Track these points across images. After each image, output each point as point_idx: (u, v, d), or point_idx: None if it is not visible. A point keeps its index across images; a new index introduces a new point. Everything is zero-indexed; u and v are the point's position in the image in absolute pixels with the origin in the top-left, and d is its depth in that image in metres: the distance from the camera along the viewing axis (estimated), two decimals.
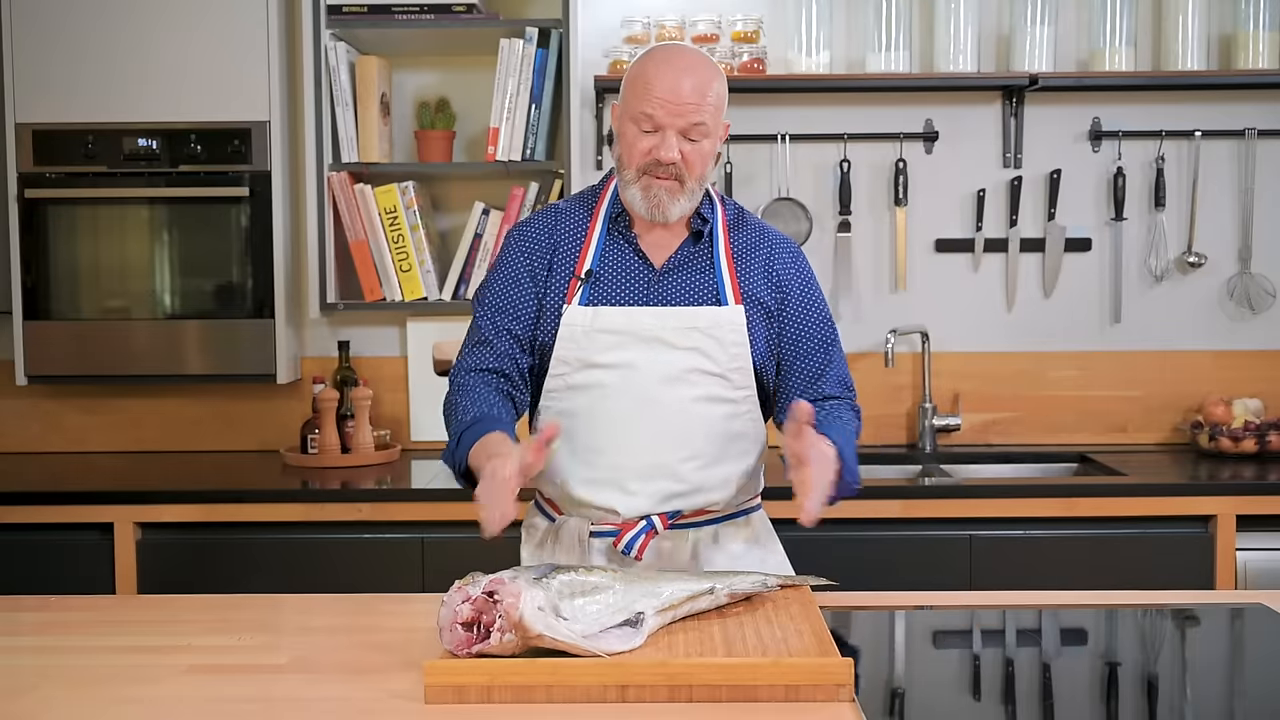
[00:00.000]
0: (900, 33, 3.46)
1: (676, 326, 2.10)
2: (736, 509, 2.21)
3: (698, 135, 2.06)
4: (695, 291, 2.13)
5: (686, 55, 2.10)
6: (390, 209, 3.41)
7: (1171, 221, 3.61)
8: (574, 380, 2.12)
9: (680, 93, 2.04)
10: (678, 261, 2.14)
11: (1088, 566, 3.01)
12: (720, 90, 2.10)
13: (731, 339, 2.11)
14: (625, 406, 2.09)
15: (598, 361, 2.10)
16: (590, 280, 2.12)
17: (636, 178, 2.08)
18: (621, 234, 2.15)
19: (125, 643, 1.90)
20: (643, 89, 2.06)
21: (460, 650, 1.65)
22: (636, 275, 2.13)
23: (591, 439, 2.11)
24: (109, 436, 3.65)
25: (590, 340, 2.10)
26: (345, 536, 3.03)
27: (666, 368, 2.09)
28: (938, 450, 3.56)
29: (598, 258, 2.14)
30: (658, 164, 2.06)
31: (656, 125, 2.05)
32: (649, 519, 2.10)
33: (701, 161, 2.09)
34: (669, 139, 2.05)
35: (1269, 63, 3.44)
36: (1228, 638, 1.96)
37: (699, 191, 2.12)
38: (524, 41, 3.34)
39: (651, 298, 2.12)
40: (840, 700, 1.61)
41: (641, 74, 2.07)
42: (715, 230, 2.17)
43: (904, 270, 3.60)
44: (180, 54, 3.31)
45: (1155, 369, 3.62)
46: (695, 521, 2.15)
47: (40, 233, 3.34)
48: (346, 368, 3.50)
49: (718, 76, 2.10)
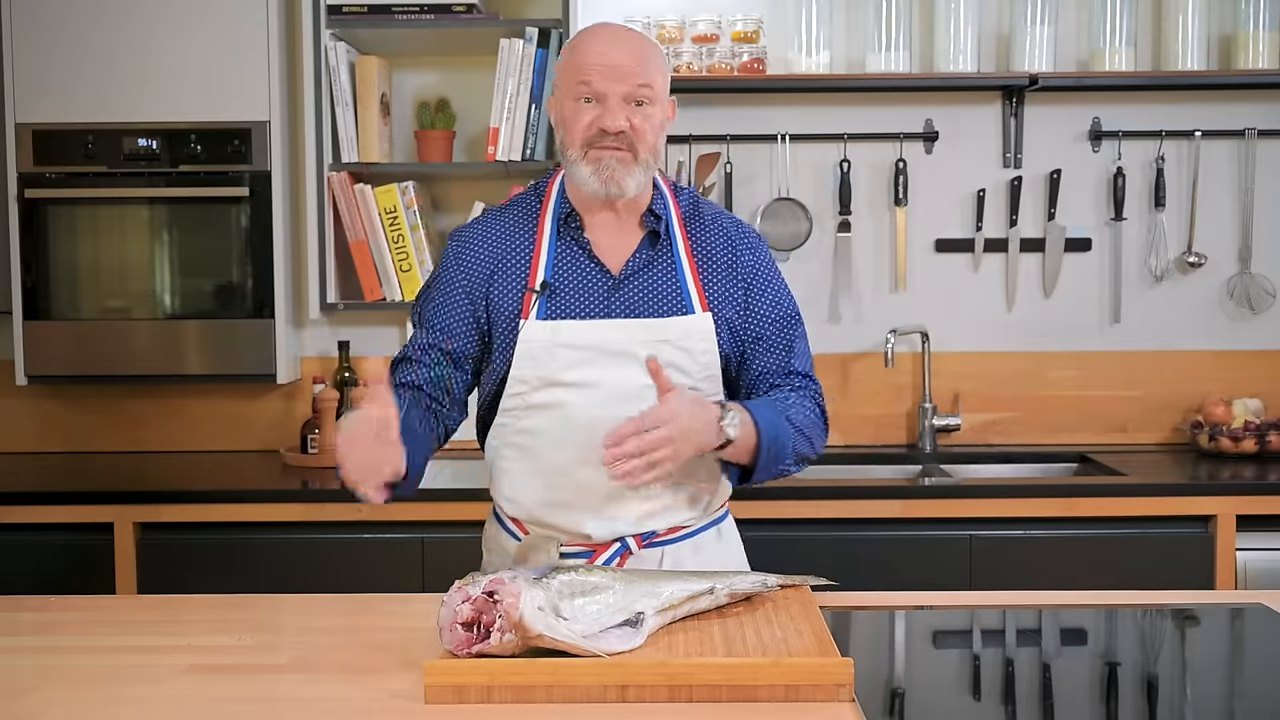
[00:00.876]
0: (900, 33, 3.46)
1: (645, 340, 2.00)
2: (709, 520, 2.13)
3: (644, 98, 1.96)
4: (659, 300, 2.03)
5: (616, 27, 2.04)
6: (390, 209, 3.41)
7: (1171, 221, 3.61)
8: (533, 399, 2.01)
9: (616, 56, 1.95)
10: (636, 267, 2.04)
11: (1088, 566, 3.01)
12: (659, 61, 2.01)
13: (701, 348, 2.03)
14: (591, 426, 1.94)
15: (560, 379, 1.99)
16: (546, 292, 2.01)
17: (583, 154, 1.98)
18: (573, 238, 2.05)
19: (125, 643, 1.90)
20: (576, 65, 1.97)
21: (460, 650, 1.65)
22: (595, 284, 2.03)
23: (556, 460, 2.02)
24: (109, 436, 3.65)
25: (552, 357, 1.99)
26: (345, 536, 3.03)
27: (632, 383, 1.97)
28: (938, 450, 3.56)
29: (551, 267, 2.03)
30: (603, 134, 1.95)
31: (597, 94, 1.95)
32: (623, 540, 2.04)
33: (652, 131, 1.98)
34: (612, 105, 1.95)
35: (1269, 63, 3.44)
36: (1228, 638, 1.96)
37: (652, 167, 2.02)
38: (524, 41, 3.34)
39: (614, 309, 2.02)
40: (840, 700, 1.61)
41: (572, 53, 2.00)
42: (671, 228, 2.07)
43: (904, 270, 3.60)
44: (180, 54, 3.31)
45: (1155, 369, 3.62)
46: (669, 539, 2.07)
47: (40, 233, 3.34)
48: (346, 368, 3.50)
49: (655, 47, 2.03)
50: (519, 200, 2.14)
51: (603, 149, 1.97)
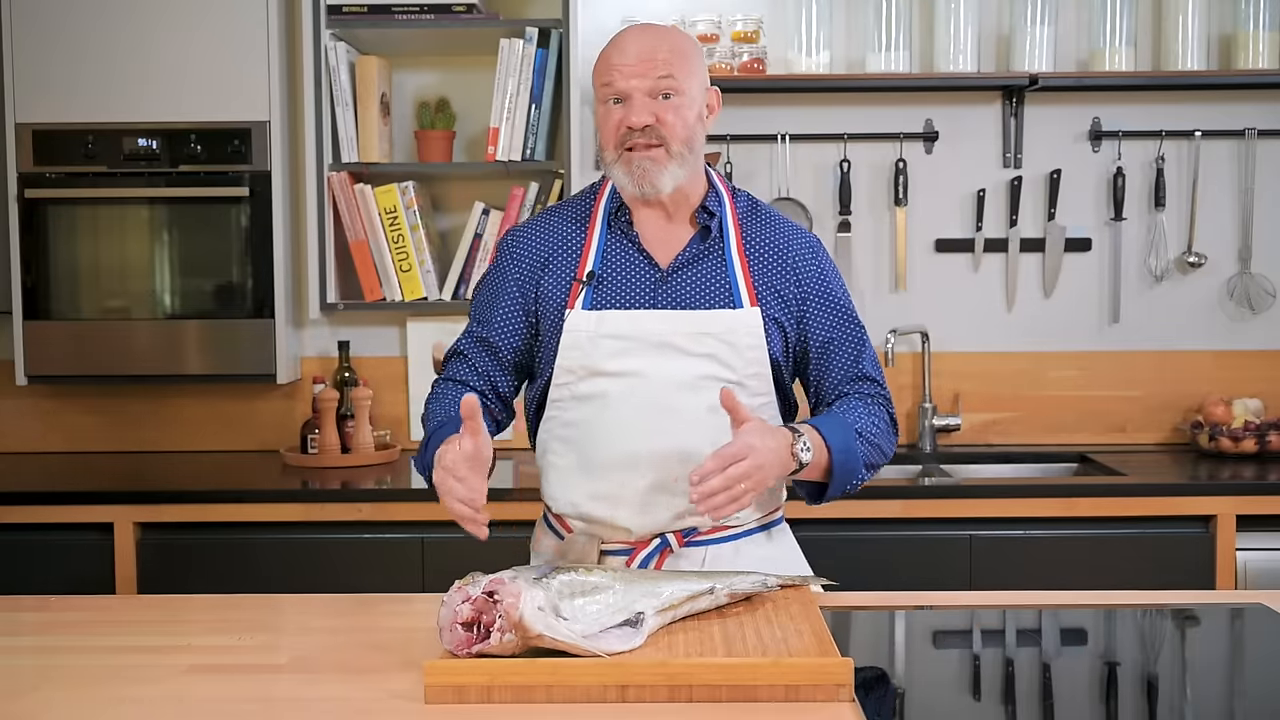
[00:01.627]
0: (900, 33, 3.46)
1: (688, 332, 1.99)
2: (756, 524, 2.10)
3: (668, 90, 1.95)
4: (706, 293, 2.01)
5: (641, 26, 2.04)
6: (390, 209, 3.41)
7: (1171, 221, 3.61)
8: (579, 390, 2.01)
9: (634, 53, 1.95)
10: (685, 260, 2.03)
11: (1087, 566, 3.01)
12: (682, 46, 1.99)
13: (748, 343, 2.00)
14: (633, 418, 1.97)
15: (604, 369, 1.99)
16: (593, 282, 2.01)
17: (617, 156, 1.98)
18: (623, 231, 2.05)
19: (125, 643, 1.90)
20: (602, 64, 1.99)
21: (460, 650, 1.64)
22: (641, 276, 2.02)
23: (599, 453, 2.01)
24: (109, 436, 3.65)
25: (595, 346, 1.99)
26: (345, 536, 3.03)
27: (677, 375, 1.98)
28: (938, 450, 3.56)
29: (599, 258, 2.03)
30: (631, 132, 1.95)
31: (620, 93, 1.96)
32: (663, 537, 2.03)
33: (681, 123, 1.96)
34: (635, 102, 1.94)
35: (1269, 63, 3.44)
36: (1228, 638, 1.96)
37: (690, 160, 1.99)
38: (524, 41, 3.34)
39: (659, 300, 2.01)
40: (840, 700, 1.61)
41: (602, 53, 2.01)
42: (725, 224, 2.05)
43: (904, 270, 3.61)
44: (180, 54, 3.31)
45: (1155, 369, 3.62)
46: (712, 538, 2.05)
47: (40, 233, 3.34)
48: (346, 368, 3.50)
49: (678, 35, 2.01)
50: (575, 198, 2.15)
51: (633, 149, 1.96)
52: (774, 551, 2.13)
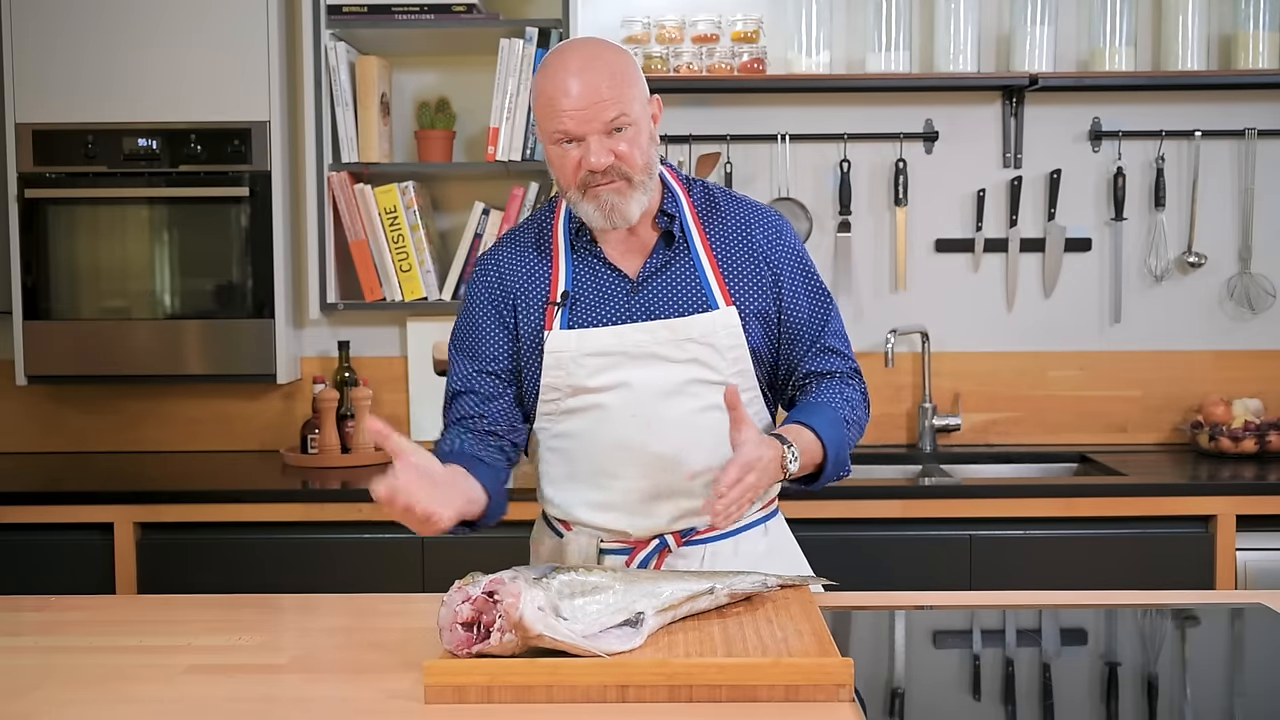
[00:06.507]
0: (900, 33, 3.46)
1: (670, 339, 2.00)
2: (751, 520, 2.12)
3: (623, 125, 1.92)
4: (680, 299, 2.02)
5: (576, 53, 1.95)
6: (390, 209, 3.41)
7: (1171, 221, 3.61)
8: (567, 404, 2.03)
9: (582, 96, 1.90)
10: (654, 268, 2.03)
11: (1087, 566, 3.01)
12: (624, 69, 1.94)
13: (729, 344, 2.01)
14: (626, 426, 2.00)
15: (589, 385, 2.01)
16: (567, 303, 2.02)
17: (581, 195, 1.96)
18: (587, 249, 2.04)
19: (125, 643, 1.90)
20: (546, 106, 1.93)
21: (460, 650, 1.65)
22: (613, 290, 2.03)
23: (592, 463, 2.04)
24: (109, 436, 3.65)
25: (578, 365, 2.00)
26: (345, 536, 3.03)
27: (663, 383, 2.00)
28: (938, 450, 3.56)
29: (570, 278, 2.04)
30: (592, 174, 1.93)
31: (573, 136, 1.92)
32: (662, 538, 2.05)
33: (639, 151, 1.95)
34: (592, 145, 1.91)
35: (1269, 63, 3.44)
36: (1228, 638, 1.96)
37: (650, 183, 1.99)
38: (524, 41, 3.34)
39: (634, 311, 2.01)
40: (840, 700, 1.61)
41: (541, 91, 1.95)
42: (686, 224, 2.05)
43: (904, 270, 3.61)
44: (180, 54, 3.31)
45: (1155, 369, 3.62)
46: (710, 536, 2.07)
47: (40, 233, 3.34)
48: (346, 368, 3.50)
49: (617, 57, 1.95)
50: (533, 219, 2.14)
51: (598, 187, 1.95)
52: (772, 544, 2.15)
